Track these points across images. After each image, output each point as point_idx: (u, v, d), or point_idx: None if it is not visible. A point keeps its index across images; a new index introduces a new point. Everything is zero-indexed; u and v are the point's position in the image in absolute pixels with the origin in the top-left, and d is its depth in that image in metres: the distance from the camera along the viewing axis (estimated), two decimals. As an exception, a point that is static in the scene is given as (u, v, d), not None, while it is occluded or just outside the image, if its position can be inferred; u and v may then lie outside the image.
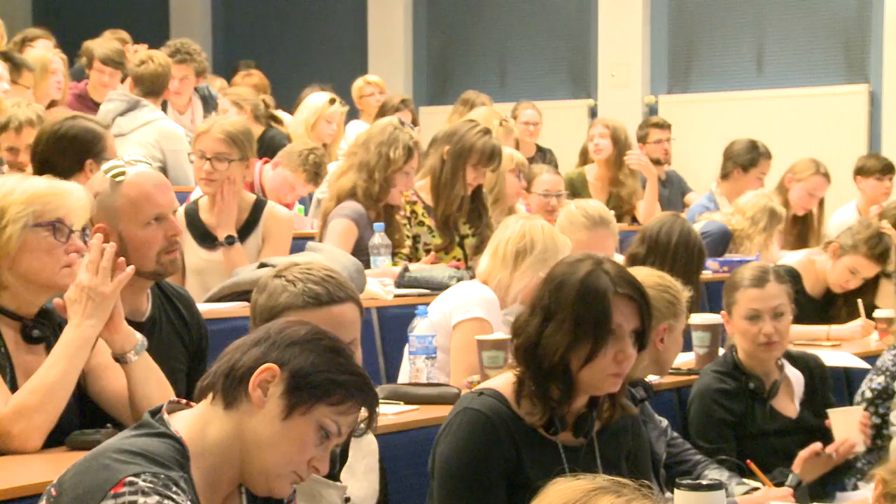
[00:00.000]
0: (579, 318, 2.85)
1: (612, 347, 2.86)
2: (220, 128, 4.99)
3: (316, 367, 2.23)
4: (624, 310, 2.88)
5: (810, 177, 7.50)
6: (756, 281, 4.17)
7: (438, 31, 11.86)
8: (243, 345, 2.29)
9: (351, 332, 2.62)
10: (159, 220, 3.41)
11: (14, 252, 3.06)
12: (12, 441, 2.98)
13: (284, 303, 2.61)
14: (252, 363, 2.24)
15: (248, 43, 12.48)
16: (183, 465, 2.18)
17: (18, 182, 3.14)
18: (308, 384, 2.23)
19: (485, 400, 2.93)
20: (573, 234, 4.82)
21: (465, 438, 2.89)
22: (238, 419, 2.23)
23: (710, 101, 10.48)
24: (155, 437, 2.20)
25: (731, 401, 4.11)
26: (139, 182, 3.41)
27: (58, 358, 3.02)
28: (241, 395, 2.24)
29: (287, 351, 2.24)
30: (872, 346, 5.49)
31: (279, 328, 2.29)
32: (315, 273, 2.65)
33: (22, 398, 2.99)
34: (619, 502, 1.70)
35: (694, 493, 2.58)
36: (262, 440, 2.23)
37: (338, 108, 7.47)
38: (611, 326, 2.86)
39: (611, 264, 2.94)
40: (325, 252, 5.00)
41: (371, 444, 2.83)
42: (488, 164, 5.82)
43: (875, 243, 5.84)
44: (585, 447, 2.98)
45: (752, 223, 6.83)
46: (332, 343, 2.28)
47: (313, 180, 6.28)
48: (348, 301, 2.64)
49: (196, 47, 7.78)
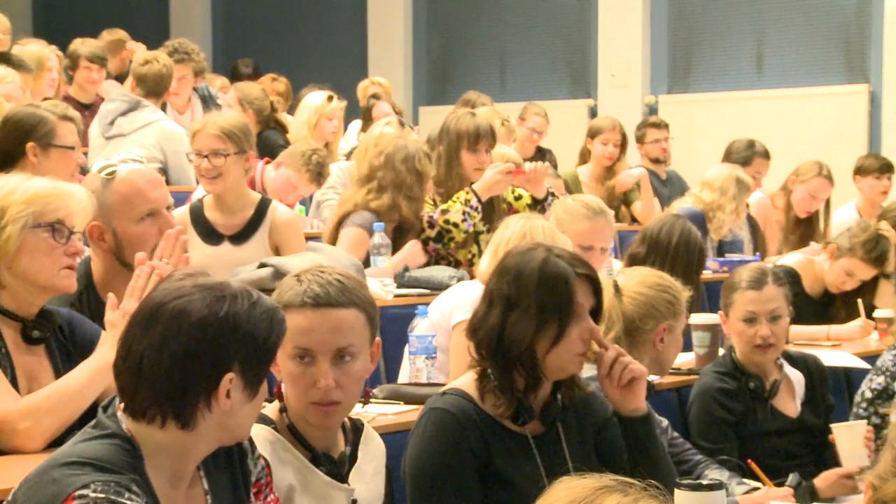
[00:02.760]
0: (543, 303, 2.92)
1: (577, 328, 2.94)
2: (213, 124, 5.00)
3: (255, 345, 2.20)
4: (584, 289, 2.97)
5: (812, 179, 7.53)
6: (754, 283, 4.16)
7: (438, 31, 11.86)
8: (166, 368, 2.16)
9: (349, 337, 2.60)
10: (152, 215, 3.42)
11: (13, 252, 3.05)
12: (15, 438, 2.97)
13: (286, 300, 2.61)
14: (202, 382, 2.17)
15: (248, 43, 12.47)
16: (135, 466, 2.14)
17: (20, 182, 3.13)
18: (261, 362, 2.23)
19: (449, 398, 2.97)
20: (573, 226, 4.82)
21: (433, 438, 2.92)
22: (201, 427, 2.19)
23: (710, 101, 10.49)
24: (105, 440, 2.16)
25: (731, 400, 4.11)
26: (131, 179, 3.42)
27: (85, 371, 3.02)
28: (199, 412, 2.18)
29: (226, 351, 2.18)
30: (872, 346, 5.49)
31: (187, 333, 2.17)
32: (325, 276, 2.64)
33: (35, 399, 2.99)
34: (626, 501, 1.70)
35: (694, 493, 2.58)
36: (238, 424, 2.24)
37: (337, 105, 7.46)
38: (575, 308, 2.93)
39: (560, 249, 3.03)
40: (326, 252, 5.00)
41: (379, 447, 2.83)
42: (478, 142, 5.81)
43: (872, 247, 5.85)
44: (553, 434, 3.02)
45: (721, 193, 7.02)
46: (234, 304, 2.20)
47: (316, 180, 6.28)
48: (350, 306, 2.62)
49: (194, 47, 7.77)
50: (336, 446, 2.71)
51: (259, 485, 2.43)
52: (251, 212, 4.99)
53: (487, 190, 5.66)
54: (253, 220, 4.98)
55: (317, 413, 2.62)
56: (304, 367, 2.60)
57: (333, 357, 2.60)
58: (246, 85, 8.09)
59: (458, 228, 5.60)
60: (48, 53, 7.04)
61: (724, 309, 4.25)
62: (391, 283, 5.29)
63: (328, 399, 2.59)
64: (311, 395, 2.60)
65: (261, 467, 2.44)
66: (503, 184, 5.70)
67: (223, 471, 2.36)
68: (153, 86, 7.08)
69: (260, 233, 4.96)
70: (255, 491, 2.42)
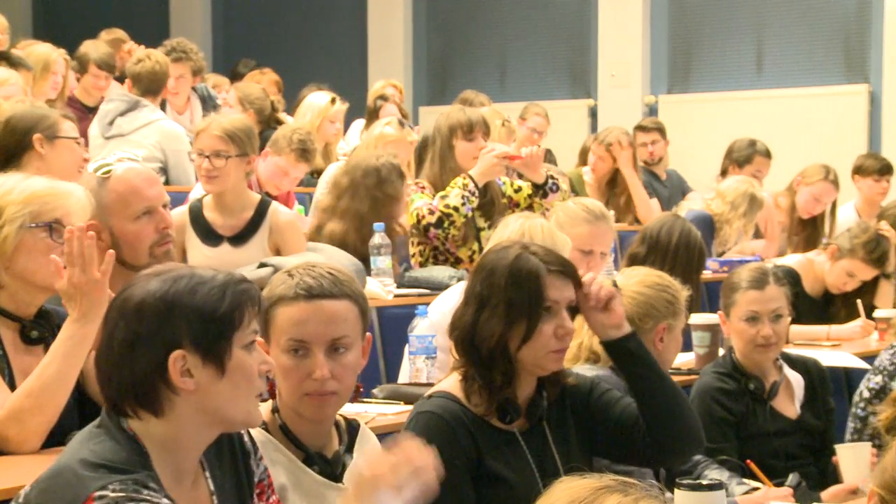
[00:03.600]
0: (512, 299, 2.92)
1: (549, 324, 2.93)
2: (217, 125, 5.01)
3: (201, 319, 2.16)
4: (559, 285, 2.95)
5: (818, 182, 7.53)
6: (755, 283, 4.16)
7: (438, 31, 11.86)
8: (117, 357, 2.17)
9: (343, 328, 2.60)
10: (149, 213, 3.42)
11: (11, 252, 3.05)
12: (8, 445, 2.97)
13: (278, 294, 2.61)
14: (151, 364, 2.16)
15: (248, 43, 12.47)
16: (144, 462, 2.14)
17: (18, 181, 3.13)
18: (214, 335, 2.17)
19: (435, 401, 2.97)
20: (573, 229, 4.81)
21: (423, 441, 2.91)
22: (178, 413, 2.18)
23: (710, 101, 10.49)
24: (111, 440, 2.15)
25: (731, 401, 4.11)
26: (126, 177, 3.42)
27: (53, 357, 2.99)
28: (164, 397, 2.17)
29: (166, 329, 2.16)
30: (872, 346, 5.49)
31: (127, 319, 2.17)
32: (316, 270, 2.65)
33: (16, 401, 2.96)
34: (627, 501, 1.69)
35: (694, 493, 2.57)
36: (218, 404, 2.19)
37: (340, 108, 7.47)
38: (546, 304, 2.93)
39: (537, 246, 3.02)
40: (325, 252, 5.00)
41: (375, 447, 2.83)
42: (473, 130, 5.83)
43: (872, 247, 5.86)
44: (540, 430, 3.02)
45: (732, 208, 6.95)
46: (177, 284, 2.18)
47: (303, 158, 6.21)
48: (343, 298, 2.61)
49: (192, 46, 7.76)
50: (330, 445, 2.70)
51: (262, 486, 2.43)
52: (251, 213, 4.99)
53: (484, 174, 5.66)
54: (253, 222, 4.98)
55: (311, 404, 2.60)
56: (298, 360, 2.59)
57: (328, 348, 2.59)
58: (246, 85, 8.08)
59: (458, 213, 5.60)
60: (56, 57, 7.00)
61: (725, 309, 4.24)
62: (391, 283, 5.29)
63: (324, 389, 2.58)
64: (305, 387, 2.59)
65: (263, 468, 2.43)
66: (499, 168, 5.71)
67: (228, 472, 2.36)
68: (147, 83, 7.06)
69: (259, 234, 4.96)
70: (258, 492, 2.41)
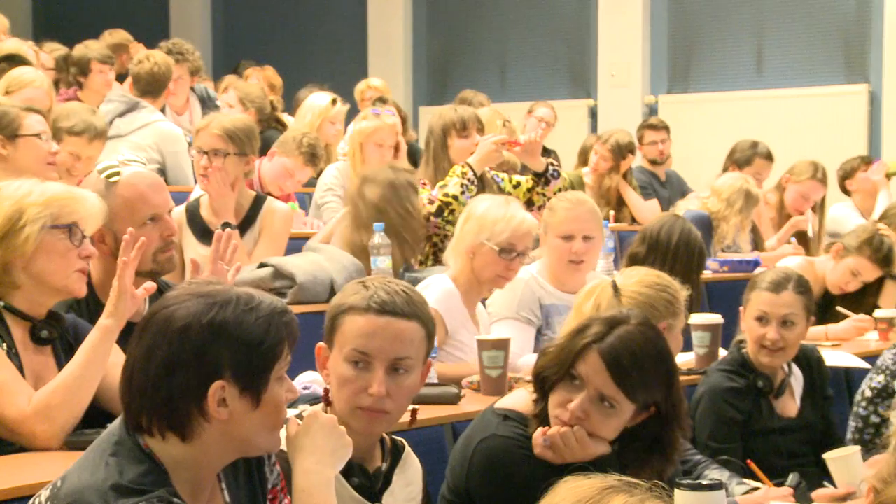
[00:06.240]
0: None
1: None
2: (217, 124, 5.03)
3: (246, 351, 2.14)
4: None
5: (806, 180, 7.53)
6: (773, 286, 4.15)
7: (438, 31, 11.87)
8: (154, 377, 2.14)
9: (407, 349, 2.60)
10: (154, 219, 3.43)
11: (31, 252, 3.08)
12: (35, 441, 3.01)
13: (350, 302, 2.61)
14: (189, 390, 2.13)
15: (248, 43, 12.48)
16: (164, 481, 2.13)
17: (36, 185, 3.17)
18: (256, 369, 2.16)
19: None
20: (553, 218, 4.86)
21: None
22: (204, 439, 2.16)
23: (710, 101, 10.49)
24: (133, 461, 2.13)
25: (740, 399, 4.10)
26: (134, 183, 3.43)
27: (84, 352, 3.05)
28: (196, 423, 2.14)
29: (209, 357, 2.13)
30: (872, 346, 5.49)
31: (170, 341, 2.14)
32: (391, 286, 2.65)
33: (46, 397, 3.01)
34: (632, 501, 1.69)
35: (694, 493, 2.57)
36: (246, 434, 2.19)
37: (341, 109, 7.48)
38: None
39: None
40: (326, 252, 4.99)
41: (417, 472, 2.80)
42: (466, 127, 5.87)
43: (879, 246, 5.85)
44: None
45: (728, 205, 6.96)
46: (224, 311, 2.15)
47: (311, 162, 6.27)
48: (413, 319, 2.61)
49: (189, 46, 7.76)
50: (372, 461, 2.69)
51: (274, 491, 2.42)
52: (246, 209, 5.02)
53: (482, 161, 5.67)
54: (248, 218, 5.00)
55: (363, 417, 2.60)
56: (358, 372, 2.59)
57: (389, 366, 2.59)
58: (246, 85, 8.08)
59: (457, 201, 5.59)
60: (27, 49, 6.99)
61: (744, 304, 4.26)
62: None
63: (378, 406, 2.58)
64: (360, 400, 2.59)
65: (276, 473, 2.43)
66: (497, 154, 5.73)
67: (244, 483, 2.36)
68: (146, 85, 7.05)
69: (253, 230, 4.99)
70: (271, 497, 2.41)
